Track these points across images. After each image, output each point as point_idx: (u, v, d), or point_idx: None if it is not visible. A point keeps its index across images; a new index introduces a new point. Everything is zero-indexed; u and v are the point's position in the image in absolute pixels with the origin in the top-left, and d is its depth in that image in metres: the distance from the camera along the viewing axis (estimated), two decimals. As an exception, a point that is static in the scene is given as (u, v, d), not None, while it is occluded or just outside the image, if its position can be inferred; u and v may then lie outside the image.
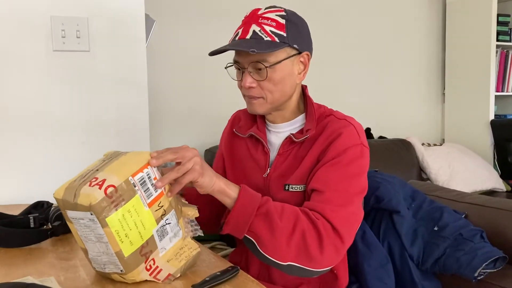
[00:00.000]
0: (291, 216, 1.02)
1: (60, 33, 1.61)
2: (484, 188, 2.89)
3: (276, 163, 1.17)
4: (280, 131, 1.21)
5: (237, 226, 1.01)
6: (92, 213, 0.82)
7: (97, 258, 0.89)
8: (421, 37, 3.33)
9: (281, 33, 1.09)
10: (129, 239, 0.85)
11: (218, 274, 0.90)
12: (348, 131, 1.12)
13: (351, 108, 1.52)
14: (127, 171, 0.87)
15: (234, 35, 1.14)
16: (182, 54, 2.49)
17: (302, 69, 1.16)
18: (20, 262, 1.02)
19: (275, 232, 0.99)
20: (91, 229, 0.84)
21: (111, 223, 0.83)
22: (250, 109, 1.18)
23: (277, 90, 1.12)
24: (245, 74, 1.12)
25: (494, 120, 3.16)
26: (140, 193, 0.87)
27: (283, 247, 1.00)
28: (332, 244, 1.02)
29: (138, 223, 0.87)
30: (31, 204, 1.28)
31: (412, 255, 1.35)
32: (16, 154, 1.59)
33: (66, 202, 0.85)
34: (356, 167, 1.10)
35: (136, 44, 1.73)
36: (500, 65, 3.22)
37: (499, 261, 1.33)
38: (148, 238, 0.89)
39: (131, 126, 1.74)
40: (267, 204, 1.02)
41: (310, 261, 1.01)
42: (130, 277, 0.88)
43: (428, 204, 1.47)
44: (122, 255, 0.85)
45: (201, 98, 2.57)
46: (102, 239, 0.84)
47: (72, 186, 0.86)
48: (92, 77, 1.68)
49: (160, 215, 0.91)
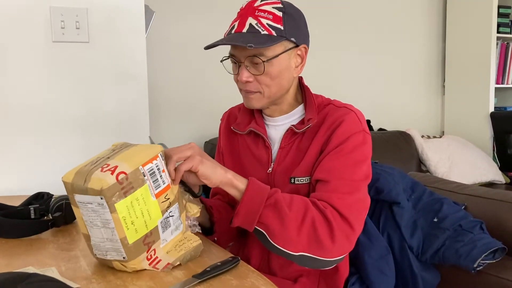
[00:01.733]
0: (301, 206, 1.01)
1: (60, 24, 1.60)
2: (483, 180, 2.90)
3: (279, 157, 1.16)
4: (278, 124, 1.20)
5: (246, 218, 1.00)
6: (102, 197, 0.83)
7: (100, 244, 0.89)
8: (421, 28, 3.32)
9: (278, 26, 1.07)
10: (134, 226, 0.87)
11: (218, 265, 0.90)
12: (350, 118, 1.11)
13: (351, 100, 1.51)
14: (138, 161, 0.88)
15: (230, 28, 1.12)
16: (182, 46, 2.49)
17: (300, 62, 1.15)
18: (21, 252, 1.02)
19: (285, 222, 0.99)
20: (98, 214, 0.85)
21: (120, 209, 0.84)
22: (246, 103, 1.16)
23: (274, 84, 1.11)
24: (241, 68, 1.10)
25: (494, 113, 3.15)
26: (149, 183, 0.89)
27: (293, 237, 0.99)
28: (342, 232, 1.02)
29: (145, 212, 0.88)
30: (31, 195, 1.28)
31: (412, 246, 1.35)
32: (16, 146, 1.59)
33: (75, 185, 0.86)
34: (359, 154, 1.09)
35: (135, 35, 1.73)
36: (500, 57, 3.21)
37: (498, 252, 1.33)
38: (153, 228, 0.90)
39: (130, 117, 1.74)
40: (275, 194, 1.01)
41: (322, 250, 1.01)
42: (131, 265, 0.89)
43: (428, 195, 1.48)
44: (127, 242, 0.86)
45: (201, 90, 2.56)
46: (108, 225, 0.85)
47: (82, 171, 0.87)
48: (91, 68, 1.67)
49: (166, 207, 0.92)
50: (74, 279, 0.87)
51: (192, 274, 0.87)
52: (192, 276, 0.86)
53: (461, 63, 3.28)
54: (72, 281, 0.85)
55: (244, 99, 1.16)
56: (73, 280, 0.86)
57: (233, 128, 1.24)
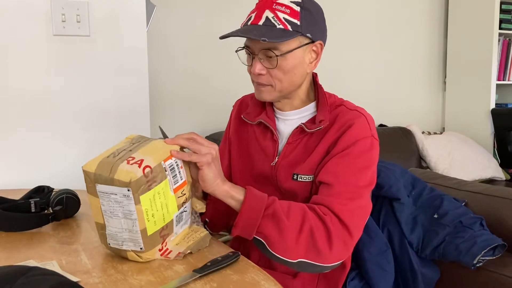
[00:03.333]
0: (298, 214, 1.02)
1: (60, 18, 1.59)
2: (483, 177, 2.90)
3: (284, 152, 1.16)
4: (288, 119, 1.19)
5: (245, 228, 1.02)
6: (130, 189, 0.85)
7: (117, 234, 0.91)
8: (423, 24, 3.31)
9: (295, 21, 1.06)
10: (154, 219, 0.90)
11: (219, 259, 0.90)
12: (360, 122, 1.10)
13: (352, 96, 1.51)
14: (160, 156, 0.92)
15: (247, 19, 1.11)
16: (183, 40, 2.48)
17: (314, 58, 1.14)
18: (21, 246, 1.02)
19: (283, 231, 1.00)
20: (122, 205, 0.88)
21: (143, 201, 0.88)
22: (258, 95, 1.16)
23: (287, 79, 1.11)
24: (255, 61, 1.10)
25: (494, 109, 3.15)
26: (169, 178, 0.93)
27: (292, 246, 1.00)
28: (341, 238, 1.02)
29: (164, 205, 0.92)
30: (32, 189, 1.28)
31: (412, 242, 1.35)
32: (17, 139, 1.59)
33: (99, 176, 0.88)
34: (365, 159, 1.08)
35: (136, 29, 1.72)
36: (502, 53, 3.20)
37: (498, 248, 1.33)
38: (169, 221, 0.94)
39: (131, 111, 1.74)
40: (273, 204, 1.01)
41: (319, 257, 1.01)
42: (146, 256, 0.92)
43: (428, 191, 1.48)
44: (146, 234, 0.90)
45: (202, 84, 2.56)
46: (130, 216, 0.88)
47: (106, 162, 0.89)
48: (92, 62, 1.67)
49: (182, 202, 0.96)
50: (74, 272, 0.87)
51: (192, 268, 0.87)
52: (192, 270, 0.86)
53: (463, 59, 3.27)
54: (72, 274, 0.86)
55: (256, 91, 1.16)
56: (73, 274, 0.86)
57: (243, 117, 1.24)
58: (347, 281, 1.21)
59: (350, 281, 1.22)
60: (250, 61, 1.13)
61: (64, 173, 1.64)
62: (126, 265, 0.91)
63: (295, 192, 1.13)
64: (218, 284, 0.83)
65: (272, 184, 1.17)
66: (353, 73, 3.07)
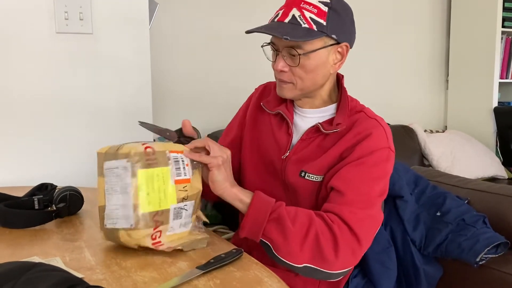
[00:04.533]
0: (305, 220, 1.02)
1: (63, 15, 1.59)
2: (485, 175, 2.89)
3: (297, 147, 1.16)
4: (307, 116, 1.19)
5: (251, 231, 1.03)
6: (129, 160, 0.92)
7: (112, 212, 0.94)
8: (425, 22, 3.30)
9: (321, 21, 1.06)
10: (149, 198, 0.92)
11: (222, 256, 0.91)
12: (378, 132, 1.10)
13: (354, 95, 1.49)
14: (167, 147, 0.98)
15: (274, 16, 1.12)
16: (185, 38, 2.48)
17: (339, 59, 1.14)
18: (25, 243, 1.03)
19: (288, 236, 1.00)
20: (121, 178, 0.93)
21: (140, 176, 0.92)
22: (279, 92, 1.16)
23: (308, 78, 1.11)
24: (278, 57, 1.11)
25: (497, 107, 3.14)
26: (172, 167, 0.96)
27: (296, 251, 1.01)
28: (348, 246, 1.02)
29: (161, 190, 0.94)
30: (35, 186, 1.28)
31: (414, 239, 1.35)
32: (20, 136, 1.59)
33: (107, 153, 0.96)
34: (380, 170, 1.08)
35: (139, 27, 1.72)
36: (504, 52, 3.19)
37: (501, 246, 1.33)
38: (165, 209, 0.95)
39: (134, 109, 1.74)
40: (279, 209, 1.02)
41: (325, 263, 1.01)
42: (135, 236, 0.93)
43: (431, 189, 1.48)
44: (138, 210, 0.92)
45: (205, 82, 2.56)
46: (126, 189, 0.92)
47: (117, 145, 0.97)
48: (95, 60, 1.67)
49: (182, 197, 0.97)
50: (78, 269, 0.87)
51: (196, 265, 0.87)
52: (196, 267, 0.86)
53: (465, 57, 3.26)
54: (76, 271, 0.86)
55: (277, 87, 1.17)
56: (77, 270, 0.86)
57: (262, 104, 1.24)
58: (350, 278, 1.22)
59: (353, 278, 1.23)
60: (275, 57, 1.13)
61: (67, 170, 1.64)
62: (129, 262, 0.91)
63: (299, 189, 1.13)
64: (221, 281, 0.83)
65: (279, 177, 1.17)
66: (355, 72, 3.06)
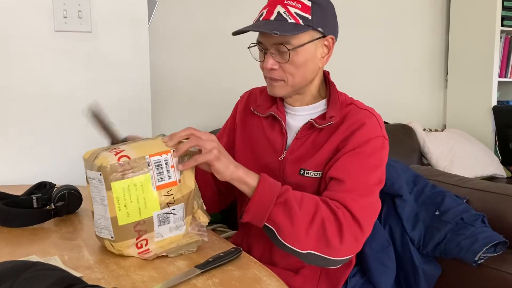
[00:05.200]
0: (311, 205, 1.01)
1: (62, 13, 1.59)
2: (484, 174, 2.89)
3: (293, 146, 1.16)
4: (298, 114, 1.19)
5: (256, 215, 1.01)
6: (101, 173, 0.88)
7: (98, 220, 0.93)
8: (424, 21, 3.30)
9: (306, 16, 1.07)
10: (127, 210, 0.90)
11: (221, 255, 0.91)
12: (371, 122, 1.11)
13: (353, 93, 1.49)
14: (146, 150, 0.93)
15: (259, 15, 1.12)
16: (185, 36, 2.47)
17: (326, 52, 1.15)
18: (24, 241, 1.03)
19: (294, 220, 0.99)
20: (98, 190, 0.91)
21: (115, 189, 0.88)
22: (270, 91, 1.17)
23: (299, 73, 1.12)
24: (267, 56, 1.11)
25: (496, 106, 3.14)
26: (152, 173, 0.92)
27: (302, 236, 1.00)
28: (352, 233, 1.02)
29: (141, 199, 0.90)
30: (33, 185, 1.28)
31: (413, 238, 1.35)
32: (19, 135, 1.59)
33: (87, 161, 0.93)
34: (376, 158, 1.09)
35: (138, 25, 1.72)
36: (504, 50, 3.19)
37: (499, 245, 1.33)
38: (147, 217, 0.92)
39: (133, 108, 1.74)
40: (286, 193, 1.01)
41: (329, 250, 1.01)
42: (118, 247, 0.92)
43: (430, 188, 1.48)
44: (116, 223, 0.90)
45: (204, 81, 2.55)
46: (103, 202, 0.90)
47: (97, 150, 0.94)
48: (94, 58, 1.67)
49: (167, 202, 0.93)
50: (77, 268, 0.87)
51: (194, 264, 0.87)
52: (194, 266, 0.86)
53: (464, 56, 3.26)
54: (75, 270, 0.86)
55: (268, 87, 1.17)
56: (76, 269, 0.86)
57: (253, 109, 1.24)
58: (349, 277, 1.22)
59: (352, 277, 1.23)
60: (263, 57, 1.13)
61: (66, 169, 1.64)
62: (128, 261, 0.91)
63: (301, 187, 1.13)
64: (220, 280, 0.83)
65: (278, 178, 1.17)
66: (355, 70, 3.06)
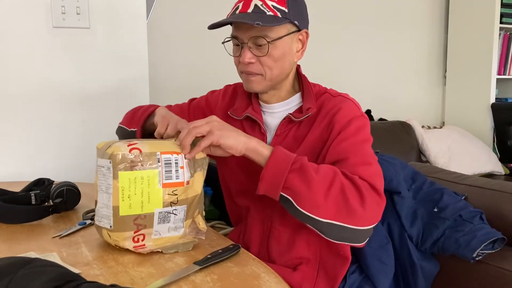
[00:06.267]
0: (328, 171, 0.97)
1: (60, 9, 1.59)
2: (482, 171, 2.90)
3: (274, 143, 1.15)
4: (275, 111, 1.19)
5: (271, 183, 0.96)
6: (111, 161, 0.89)
7: (100, 209, 0.94)
8: (423, 18, 3.30)
9: (283, 9, 1.07)
10: (130, 201, 0.90)
11: (219, 252, 0.91)
12: (347, 105, 1.11)
13: (352, 90, 1.49)
14: (159, 148, 0.94)
15: (234, 9, 1.11)
16: (183, 32, 2.47)
17: (300, 47, 1.15)
18: (22, 238, 1.02)
19: (311, 185, 0.94)
20: (106, 177, 0.91)
21: (121, 178, 0.89)
22: (247, 86, 1.15)
23: (277, 67, 1.11)
24: (244, 49, 1.10)
25: (494, 104, 3.15)
26: (161, 170, 0.92)
27: (321, 201, 0.94)
28: (373, 199, 0.98)
29: (145, 193, 0.91)
30: (32, 181, 1.28)
31: (412, 235, 1.35)
32: (17, 132, 1.59)
33: (100, 150, 0.95)
34: (364, 135, 1.09)
35: (136, 21, 1.72)
36: (502, 47, 3.20)
37: (497, 242, 1.33)
38: (148, 213, 0.92)
39: (131, 103, 1.72)
40: (302, 160, 0.97)
41: (352, 217, 0.95)
42: (115, 237, 0.92)
43: (428, 185, 1.48)
44: (117, 212, 0.90)
45: (203, 76, 2.55)
46: (108, 190, 0.91)
47: (112, 141, 0.95)
48: (92, 54, 1.66)
49: (170, 202, 0.93)
50: (75, 264, 0.87)
51: (193, 261, 0.87)
52: (193, 263, 0.86)
53: (463, 53, 3.26)
54: (73, 266, 0.86)
55: (245, 82, 1.15)
56: (74, 266, 0.86)
57: (230, 113, 1.23)
58: (347, 274, 1.22)
59: (350, 275, 1.22)
60: (238, 52, 1.12)
61: (64, 165, 1.64)
62: (126, 257, 0.91)
63: None
64: (219, 276, 0.83)
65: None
66: (354, 68, 3.06)
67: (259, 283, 0.82)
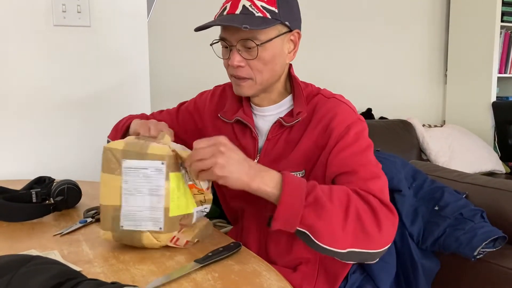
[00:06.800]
0: (342, 196, 0.94)
1: (61, 8, 1.59)
2: (483, 170, 2.90)
3: (265, 149, 1.12)
4: (267, 115, 1.15)
5: (286, 221, 0.91)
6: (164, 162, 0.89)
7: (136, 213, 0.90)
8: (424, 17, 3.29)
9: (273, 9, 1.03)
10: (178, 202, 0.92)
11: (220, 250, 0.91)
12: (342, 109, 1.07)
13: (353, 89, 1.49)
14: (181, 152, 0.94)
15: (221, 10, 1.07)
16: (185, 30, 2.47)
17: (292, 48, 1.10)
18: (23, 236, 1.03)
19: (328, 218, 0.91)
20: (150, 180, 0.89)
21: (173, 179, 0.91)
22: (237, 91, 1.11)
23: (267, 70, 1.06)
24: (233, 52, 1.05)
25: (495, 102, 3.15)
26: (184, 173, 0.94)
27: (339, 233, 0.91)
28: (387, 218, 0.96)
29: (187, 194, 0.94)
30: (33, 179, 1.28)
31: (412, 234, 1.36)
32: (18, 130, 1.59)
33: (129, 151, 0.91)
34: (364, 141, 1.05)
35: (137, 19, 1.72)
36: (503, 46, 3.19)
37: (498, 240, 1.34)
38: (189, 213, 0.95)
39: (132, 102, 1.73)
40: (314, 191, 0.92)
41: (369, 242, 0.93)
42: (163, 238, 0.92)
43: (429, 184, 1.48)
44: (168, 213, 0.90)
45: (204, 75, 2.54)
46: (157, 192, 0.90)
47: (134, 142, 0.93)
48: (92, 52, 1.66)
49: (199, 200, 0.97)
50: (76, 262, 0.87)
51: (194, 258, 0.87)
52: (194, 260, 0.87)
53: (464, 52, 3.26)
54: (74, 264, 0.86)
55: (235, 86, 1.11)
56: (75, 264, 0.86)
57: (220, 116, 1.19)
58: (349, 273, 1.21)
59: (352, 274, 1.22)
60: (227, 54, 1.07)
61: (65, 163, 1.64)
62: (127, 255, 0.91)
63: None
64: (220, 274, 0.83)
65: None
66: (354, 66, 3.06)
67: (260, 281, 0.82)
